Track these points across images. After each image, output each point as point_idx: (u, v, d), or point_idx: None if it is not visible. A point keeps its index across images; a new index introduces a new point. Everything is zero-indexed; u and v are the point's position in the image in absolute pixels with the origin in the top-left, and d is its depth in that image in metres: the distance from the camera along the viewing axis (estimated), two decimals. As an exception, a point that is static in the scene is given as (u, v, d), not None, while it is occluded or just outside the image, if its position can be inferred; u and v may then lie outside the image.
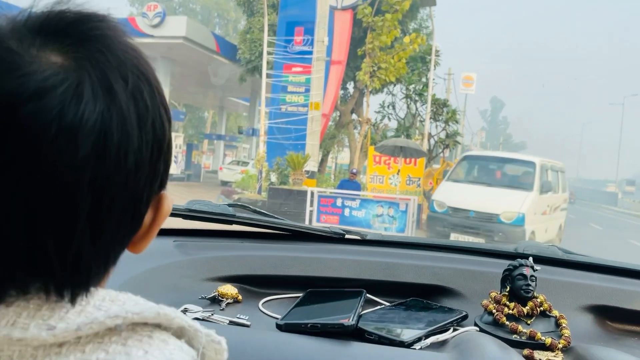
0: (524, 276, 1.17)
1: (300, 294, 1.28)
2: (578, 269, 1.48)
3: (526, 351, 1.05)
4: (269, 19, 15.27)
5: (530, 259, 1.21)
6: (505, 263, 1.22)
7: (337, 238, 1.57)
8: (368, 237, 1.61)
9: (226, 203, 1.63)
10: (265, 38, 14.29)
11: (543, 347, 1.09)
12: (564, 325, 1.15)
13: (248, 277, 1.33)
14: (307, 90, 13.67)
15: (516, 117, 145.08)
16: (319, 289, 1.32)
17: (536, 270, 1.19)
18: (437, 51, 17.14)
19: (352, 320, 1.08)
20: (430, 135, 16.41)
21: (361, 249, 1.53)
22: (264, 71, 14.19)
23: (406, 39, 15.42)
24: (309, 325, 1.06)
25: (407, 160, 13.19)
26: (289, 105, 14.16)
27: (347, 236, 1.59)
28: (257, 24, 18.03)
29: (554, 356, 1.06)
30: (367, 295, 1.30)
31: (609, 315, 1.30)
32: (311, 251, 1.46)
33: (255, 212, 1.65)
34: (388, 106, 17.76)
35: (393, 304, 1.29)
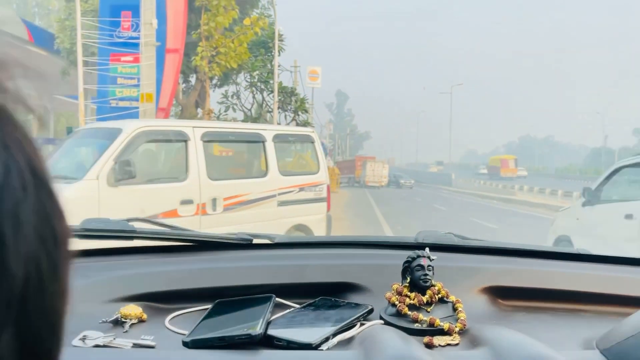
0: (422, 267, 1.24)
1: (209, 306, 1.27)
2: (473, 254, 1.57)
3: (426, 339, 1.11)
4: (91, 2, 12.98)
5: (427, 249, 1.28)
6: (407, 254, 1.28)
7: (245, 244, 1.56)
8: (277, 240, 1.61)
9: (125, 218, 1.58)
10: (79, 19, 11.76)
11: (442, 332, 1.16)
12: (460, 309, 1.23)
13: (153, 294, 1.29)
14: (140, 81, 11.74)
15: (360, 108, 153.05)
16: (228, 299, 1.30)
17: (433, 259, 1.26)
18: (280, 35, 16.19)
19: (260, 328, 1.09)
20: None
21: (270, 253, 1.54)
22: (80, 59, 11.76)
23: (246, 21, 13.60)
24: (216, 340, 1.06)
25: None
26: (119, 99, 12.18)
27: (255, 241, 1.58)
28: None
29: (452, 340, 1.13)
30: (277, 299, 1.31)
31: (500, 294, 1.40)
32: (218, 260, 1.45)
33: (157, 224, 1.61)
34: (232, 96, 16.43)
35: (302, 305, 1.31)
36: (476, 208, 21.80)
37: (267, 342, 1.10)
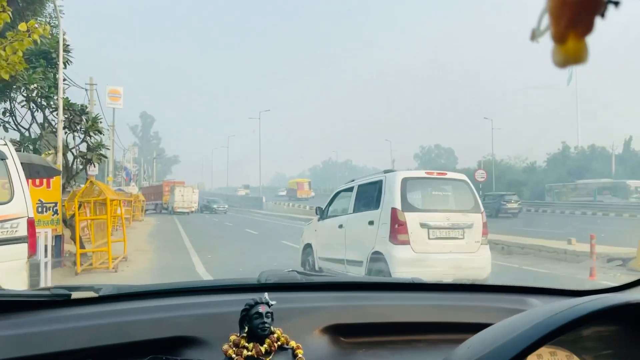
0: (260, 314, 1.17)
1: None
2: (316, 291, 1.55)
3: None
4: None
5: (266, 294, 1.21)
6: (249, 298, 1.20)
7: (60, 301, 1.34)
8: (102, 293, 1.42)
9: None
10: None
11: None
12: (300, 356, 1.19)
13: None
14: None
15: (168, 131, 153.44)
16: None
17: (272, 304, 1.20)
18: (66, 45, 14.16)
19: None
20: (67, 149, 13.69)
21: (92, 310, 1.33)
22: None
23: (22, 26, 12.35)
24: None
25: (36, 181, 9.88)
26: None
27: (74, 296, 1.36)
28: None
29: None
30: None
31: (342, 332, 1.38)
32: (22, 325, 1.21)
33: None
34: (4, 113, 13.99)
35: None
36: (286, 230, 22.07)
37: None
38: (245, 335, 1.18)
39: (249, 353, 1.15)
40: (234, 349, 1.16)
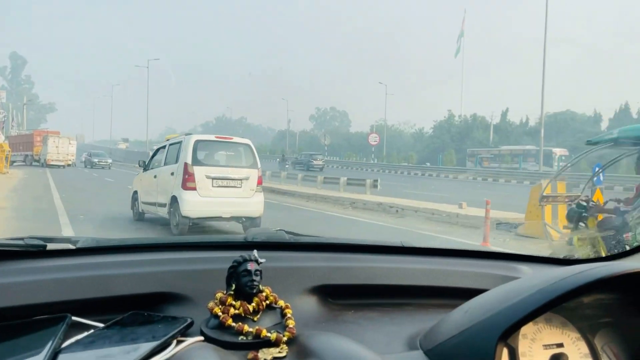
0: (249, 272, 1.12)
1: None
2: (304, 251, 1.51)
3: (251, 354, 1.01)
4: None
5: (255, 252, 1.16)
6: (235, 256, 1.15)
7: (35, 252, 1.26)
8: (79, 245, 1.34)
9: None
10: None
11: (270, 343, 1.06)
12: (288, 315, 1.14)
13: None
14: None
15: (43, 76, 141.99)
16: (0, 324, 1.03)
17: (261, 262, 1.15)
18: None
19: None
20: None
21: (69, 262, 1.25)
22: None
23: None
24: None
25: None
26: None
27: (49, 247, 1.28)
28: None
29: (279, 352, 1.03)
30: (75, 319, 1.07)
31: (330, 293, 1.35)
32: None
33: None
34: None
35: (107, 324, 1.09)
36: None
37: None
38: (232, 293, 1.13)
39: (236, 311, 1.10)
40: (220, 306, 1.11)
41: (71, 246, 1.34)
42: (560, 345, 1.07)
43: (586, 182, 7.30)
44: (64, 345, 0.97)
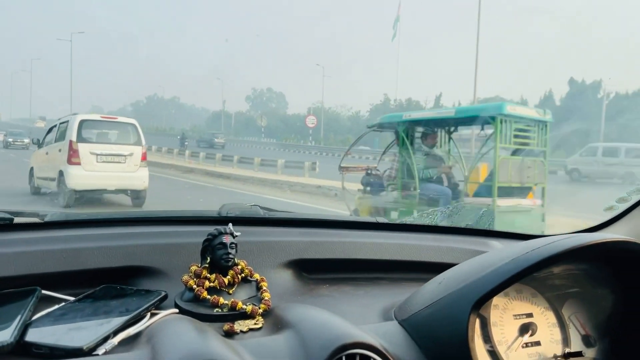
0: (224, 245, 1.11)
1: None
2: (279, 226, 1.50)
3: (226, 326, 1.00)
4: None
5: (230, 225, 1.15)
6: (209, 230, 1.14)
7: (1, 225, 1.23)
8: (47, 219, 1.31)
9: None
10: None
11: (245, 315, 1.06)
12: (264, 288, 1.14)
13: None
14: None
15: None
16: None
17: (236, 236, 1.14)
18: None
19: (12, 336, 0.85)
20: None
21: (37, 235, 1.22)
22: None
23: None
24: None
25: None
26: None
27: (16, 220, 1.25)
28: None
29: (255, 324, 1.04)
30: (44, 292, 1.05)
31: (305, 268, 1.36)
32: None
33: None
34: None
35: (77, 298, 1.07)
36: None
37: (24, 351, 0.86)
38: (207, 266, 1.12)
39: (211, 284, 1.09)
40: (194, 279, 1.10)
41: (39, 220, 1.31)
42: (530, 315, 1.10)
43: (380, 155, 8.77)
44: (34, 317, 0.95)
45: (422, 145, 7.27)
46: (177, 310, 1.06)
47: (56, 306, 1.01)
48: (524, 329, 1.07)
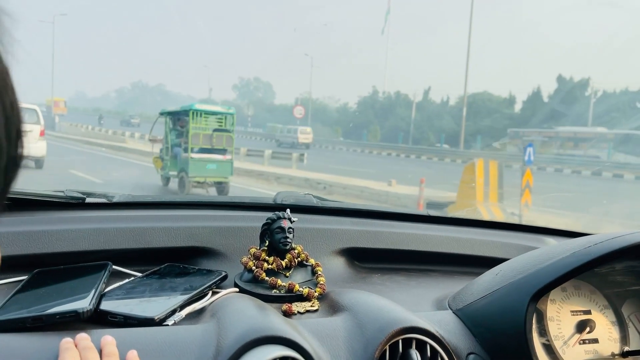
0: (282, 229, 1.14)
1: (25, 277, 1.03)
2: (331, 215, 1.52)
3: (285, 306, 1.03)
4: None
5: (288, 210, 1.18)
6: (265, 216, 1.17)
7: (75, 204, 1.30)
8: (115, 200, 1.38)
9: None
10: None
11: (302, 298, 1.08)
12: (319, 273, 1.17)
13: None
14: None
15: None
16: (50, 268, 1.07)
17: (294, 221, 1.17)
18: None
19: (90, 303, 0.90)
20: None
21: (107, 214, 1.29)
22: None
23: None
24: (29, 320, 0.85)
25: None
26: None
27: (88, 200, 1.33)
28: None
29: (311, 306, 1.06)
30: (115, 267, 1.12)
31: (357, 256, 1.38)
32: (39, 222, 1.17)
33: None
34: None
35: (145, 274, 1.13)
36: (84, 158, 19.09)
37: (100, 319, 0.92)
38: (265, 248, 1.16)
39: (270, 266, 1.13)
40: (254, 261, 1.14)
41: (107, 200, 1.38)
42: (588, 312, 1.09)
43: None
44: (107, 289, 1.01)
45: (176, 125, 11.68)
46: (237, 290, 1.10)
47: (126, 280, 1.07)
48: (582, 325, 1.06)
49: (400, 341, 0.90)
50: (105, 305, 0.94)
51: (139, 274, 1.12)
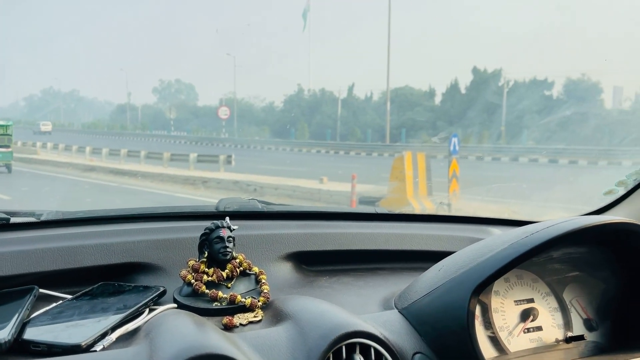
0: (221, 238, 1.10)
1: None
2: (277, 219, 1.49)
3: (225, 319, 0.99)
4: None
5: (227, 219, 1.15)
6: (207, 224, 1.13)
7: None
8: (44, 218, 1.30)
9: None
10: None
11: (244, 308, 1.05)
12: (263, 281, 1.13)
13: None
14: None
15: None
16: None
17: (234, 229, 1.13)
18: None
19: (10, 334, 0.84)
20: None
21: (34, 234, 1.22)
22: None
23: None
24: None
25: None
26: None
27: (13, 220, 1.25)
28: None
29: (254, 316, 1.03)
30: (42, 291, 1.05)
31: (305, 260, 1.35)
32: None
33: None
34: None
35: (75, 295, 1.06)
36: None
37: (22, 349, 0.85)
38: (205, 260, 1.11)
39: (209, 278, 1.08)
40: (192, 274, 1.09)
41: (35, 219, 1.30)
42: (531, 300, 1.11)
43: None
44: (31, 316, 0.95)
45: None
46: (175, 305, 1.05)
47: (54, 304, 1.00)
48: (525, 314, 1.08)
49: (343, 347, 0.88)
50: (28, 334, 0.87)
51: (69, 296, 1.06)
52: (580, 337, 1.08)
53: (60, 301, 1.03)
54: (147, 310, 1.00)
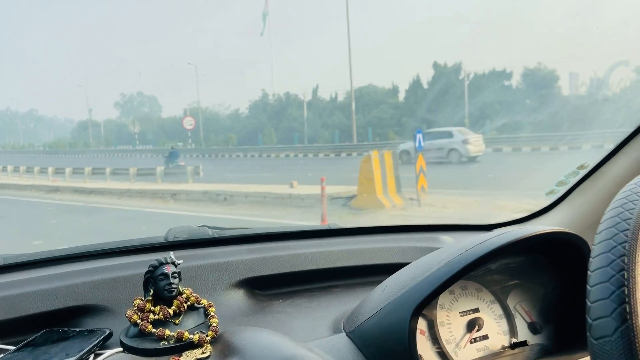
0: (166, 275, 1.09)
1: None
2: (229, 244, 1.47)
3: (172, 358, 0.99)
4: None
5: (172, 253, 1.13)
6: (156, 258, 1.11)
7: None
8: None
9: None
10: None
11: (193, 345, 1.04)
12: (212, 314, 1.12)
13: None
14: None
15: None
16: None
17: (179, 264, 1.12)
18: None
19: None
20: None
21: None
22: None
23: None
24: None
25: None
26: None
27: None
28: None
29: (202, 352, 1.02)
30: None
31: (257, 285, 1.35)
32: None
33: None
34: None
35: (17, 346, 1.03)
36: None
37: None
38: (150, 298, 1.09)
39: (156, 317, 1.07)
40: (138, 314, 1.07)
41: None
42: (477, 310, 1.12)
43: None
44: None
45: None
46: (120, 349, 1.03)
47: None
48: (471, 324, 1.09)
49: None
50: None
51: (12, 348, 1.02)
52: (523, 343, 1.10)
53: (2, 355, 1.00)
54: (92, 356, 0.98)
